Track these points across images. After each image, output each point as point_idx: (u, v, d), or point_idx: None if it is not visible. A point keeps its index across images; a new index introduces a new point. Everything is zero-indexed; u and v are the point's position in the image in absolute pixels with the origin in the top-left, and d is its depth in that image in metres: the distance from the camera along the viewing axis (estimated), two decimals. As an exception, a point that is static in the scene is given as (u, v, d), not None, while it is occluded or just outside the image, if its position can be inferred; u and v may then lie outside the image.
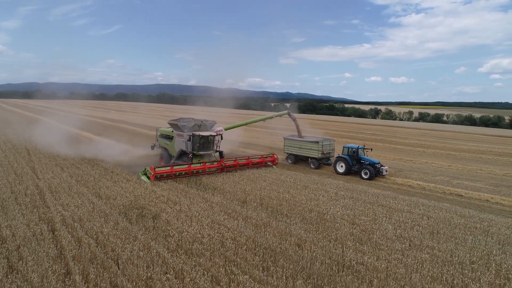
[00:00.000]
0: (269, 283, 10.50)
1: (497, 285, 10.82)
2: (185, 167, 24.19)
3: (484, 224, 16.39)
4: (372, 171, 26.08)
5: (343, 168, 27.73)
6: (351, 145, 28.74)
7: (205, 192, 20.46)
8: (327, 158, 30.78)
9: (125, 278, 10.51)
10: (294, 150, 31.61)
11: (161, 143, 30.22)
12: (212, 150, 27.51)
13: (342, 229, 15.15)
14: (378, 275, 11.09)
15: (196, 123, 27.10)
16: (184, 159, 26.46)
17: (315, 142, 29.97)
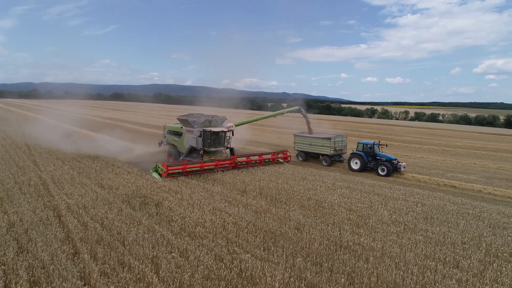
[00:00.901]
0: (270, 261, 10.99)
1: (487, 262, 11.37)
2: (197, 164, 23.30)
3: (476, 210, 16.99)
4: (390, 167, 25.26)
5: (358, 165, 26.89)
6: (366, 141, 27.98)
7: (205, 183, 20.91)
8: (339, 155, 29.96)
9: (132, 257, 10.95)
10: (305, 147, 30.78)
11: (169, 139, 29.45)
12: (223, 147, 26.74)
13: (339, 215, 15.67)
14: (374, 254, 11.62)
15: (207, 119, 26.34)
16: (194, 156, 25.71)
17: (327, 138, 29.03)
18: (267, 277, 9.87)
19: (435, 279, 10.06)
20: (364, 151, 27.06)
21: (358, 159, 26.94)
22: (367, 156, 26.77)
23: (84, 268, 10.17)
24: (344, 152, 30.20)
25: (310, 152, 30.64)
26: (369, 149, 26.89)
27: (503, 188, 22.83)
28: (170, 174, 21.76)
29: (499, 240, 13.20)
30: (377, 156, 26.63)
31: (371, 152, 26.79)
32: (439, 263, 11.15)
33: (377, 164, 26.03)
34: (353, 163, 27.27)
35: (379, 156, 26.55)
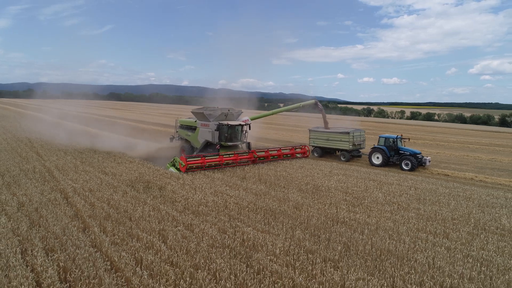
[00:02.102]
0: (271, 233, 11.62)
1: (474, 234, 12.07)
2: (216, 158, 22.39)
3: (466, 193, 17.74)
4: (414, 161, 24.21)
5: (380, 159, 25.67)
6: (388, 135, 26.75)
7: (206, 170, 21.50)
8: (358, 150, 28.61)
9: (140, 230, 11.54)
10: (321, 143, 29.40)
11: (182, 134, 28.16)
12: (240, 141, 25.60)
13: (336, 196, 16.34)
14: (369, 227, 12.29)
15: (223, 112, 25.19)
16: (209, 151, 24.27)
17: (346, 133, 27.67)
18: (268, 245, 10.50)
19: (425, 247, 10.73)
20: (386, 145, 25.97)
21: (380, 153, 25.77)
22: (389, 150, 25.68)
23: (95, 239, 10.75)
24: (363, 147, 29.10)
25: (326, 147, 29.32)
26: (391, 143, 25.80)
27: (494, 176, 23.60)
28: (189, 168, 20.94)
29: (487, 216, 13.93)
30: (400, 150, 25.60)
31: (393, 146, 25.70)
32: (429, 235, 11.84)
33: (400, 159, 24.93)
34: (374, 158, 26.08)
35: (402, 150, 25.52)
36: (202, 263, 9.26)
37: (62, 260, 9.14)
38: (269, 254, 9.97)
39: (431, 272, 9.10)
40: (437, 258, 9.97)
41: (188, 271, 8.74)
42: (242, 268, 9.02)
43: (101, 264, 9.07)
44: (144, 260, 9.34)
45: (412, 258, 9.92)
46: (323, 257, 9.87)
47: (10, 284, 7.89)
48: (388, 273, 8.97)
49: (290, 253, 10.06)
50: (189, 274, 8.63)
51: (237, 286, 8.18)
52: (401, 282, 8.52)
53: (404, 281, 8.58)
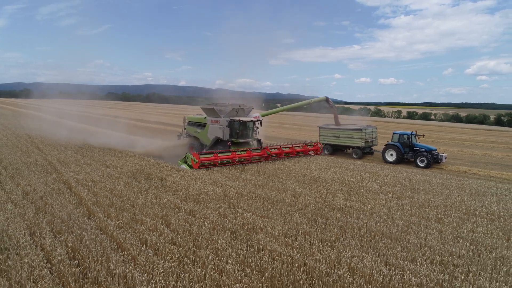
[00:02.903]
0: (270, 218, 12.06)
1: (465, 218, 12.57)
2: (229, 154, 21.75)
3: (459, 183, 18.27)
4: (430, 158, 23.65)
5: (394, 156, 25.02)
6: (402, 131, 25.89)
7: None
8: (370, 147, 28.03)
9: (143, 215, 11.94)
10: (332, 140, 28.63)
11: (190, 131, 27.45)
12: (252, 138, 24.97)
13: (332, 186, 16.81)
14: (364, 213, 12.75)
15: (234, 108, 24.49)
16: (219, 148, 23.50)
17: (358, 129, 27.02)
18: (267, 228, 10.94)
19: (418, 229, 11.21)
20: (401, 141, 25.28)
21: (394, 150, 25.09)
22: (404, 147, 25.00)
23: (100, 224, 11.13)
24: (375, 144, 28.50)
25: (337, 144, 28.56)
26: (406, 140, 25.12)
27: (487, 169, 24.16)
28: (202, 165, 20.33)
29: (478, 204, 14.45)
30: (415, 146, 24.88)
31: (408, 143, 25.03)
32: (422, 219, 12.32)
33: (416, 155, 24.31)
34: (388, 155, 25.45)
35: (417, 147, 24.82)
36: (204, 243, 9.68)
37: (70, 241, 9.54)
38: (268, 235, 10.40)
39: (422, 251, 9.57)
40: (429, 239, 10.45)
41: (192, 250, 9.17)
42: (242, 247, 9.45)
43: (108, 244, 9.47)
44: (148, 241, 9.74)
45: (405, 239, 10.39)
46: (320, 238, 10.31)
47: (22, 261, 8.28)
48: (381, 251, 9.43)
49: (289, 235, 10.49)
50: (193, 252, 9.06)
51: (239, 263, 8.60)
52: (394, 259, 8.97)
53: (397, 258, 9.03)
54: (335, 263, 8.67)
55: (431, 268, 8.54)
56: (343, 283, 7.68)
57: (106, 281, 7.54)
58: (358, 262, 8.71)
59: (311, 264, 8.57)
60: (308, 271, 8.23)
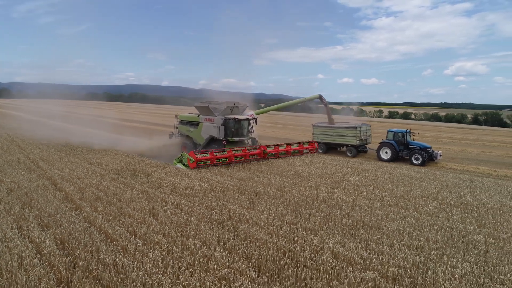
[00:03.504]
0: (256, 209, 12.40)
1: (441, 208, 13.22)
2: (226, 153, 21.17)
3: (436, 177, 19.06)
4: (425, 156, 23.61)
5: (389, 154, 24.93)
6: (397, 129, 25.95)
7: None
8: (364, 146, 27.91)
9: (131, 209, 12.08)
10: (326, 138, 28.34)
11: (183, 130, 26.83)
12: (247, 137, 24.57)
13: (316, 180, 17.28)
14: (346, 204, 13.25)
15: (229, 106, 24.00)
16: (214, 147, 22.81)
17: (353, 127, 26.92)
18: (253, 219, 11.28)
19: (396, 218, 11.76)
20: (395, 139, 25.27)
21: (389, 148, 25.03)
22: (398, 145, 25.00)
23: (88, 217, 11.23)
24: (369, 142, 28.42)
25: (331, 143, 28.31)
26: (401, 138, 25.13)
27: (464, 164, 25.15)
28: (199, 164, 19.76)
29: (453, 194, 15.18)
30: (410, 144, 24.89)
31: (403, 141, 24.99)
32: (401, 209, 12.90)
33: (410, 153, 24.27)
34: (382, 153, 25.31)
35: (412, 145, 24.83)
36: (192, 233, 9.94)
37: (58, 233, 9.66)
38: (254, 225, 10.74)
39: (400, 237, 10.09)
40: (407, 226, 11.00)
41: (180, 240, 9.42)
42: (229, 236, 9.76)
43: (97, 235, 9.62)
44: (137, 232, 9.93)
45: (384, 226, 10.90)
46: (304, 227, 10.72)
47: (11, 252, 8.36)
48: (362, 238, 9.90)
49: (274, 224, 10.85)
50: (181, 242, 9.31)
51: (226, 250, 8.90)
52: (374, 244, 9.46)
53: (376, 244, 9.52)
54: (318, 249, 9.08)
55: (409, 252, 9.05)
56: (326, 266, 8.08)
57: (97, 269, 7.72)
58: (340, 248, 9.14)
59: (296, 250, 8.95)
60: (293, 257, 8.61)
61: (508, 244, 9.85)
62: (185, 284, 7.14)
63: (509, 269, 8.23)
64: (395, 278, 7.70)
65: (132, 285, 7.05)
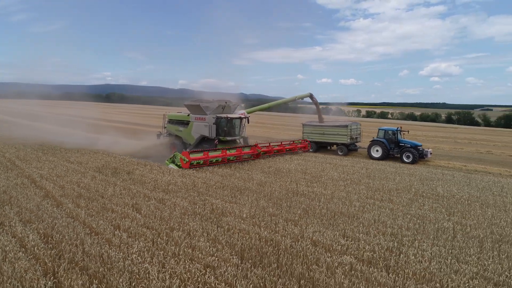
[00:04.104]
0: (238, 203, 12.72)
1: (414, 199, 13.93)
2: (219, 153, 20.65)
3: (410, 171, 19.92)
4: (416, 154, 23.73)
5: (379, 152, 24.93)
6: (388, 128, 26.19)
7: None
8: (354, 144, 27.93)
9: (113, 204, 12.17)
10: (316, 137, 28.14)
11: (172, 130, 26.07)
12: (239, 136, 24.17)
13: (296, 176, 17.77)
14: (325, 197, 13.76)
15: (221, 104, 23.41)
16: (205, 147, 22.11)
17: (344, 126, 26.94)
18: (235, 212, 11.60)
19: (372, 209, 12.34)
20: (386, 137, 25.33)
21: (380, 146, 25.06)
22: (389, 143, 25.05)
23: (70, 213, 11.26)
24: (359, 140, 28.55)
25: (322, 142, 28.19)
26: (391, 136, 25.23)
27: (436, 160, 26.23)
28: (192, 164, 19.17)
29: (426, 187, 15.97)
30: (401, 142, 25.04)
31: (394, 139, 25.12)
32: (376, 201, 13.52)
33: (401, 151, 24.39)
34: (373, 151, 25.34)
35: (402, 143, 24.99)
36: (176, 226, 10.17)
37: (41, 228, 9.68)
38: (236, 218, 11.07)
39: (376, 225, 10.65)
40: (382, 215, 11.58)
41: (164, 232, 9.64)
42: (213, 228, 10.05)
43: (81, 229, 9.71)
44: (121, 225, 10.08)
45: (361, 216, 11.44)
46: (285, 218, 11.13)
47: (-6, 246, 8.37)
48: (340, 227, 10.39)
49: (256, 216, 11.20)
50: (166, 234, 9.53)
51: (210, 241, 9.19)
52: (351, 232, 9.96)
53: (353, 232, 10.03)
54: (298, 238, 9.50)
55: (383, 238, 9.60)
56: (306, 252, 8.50)
57: (83, 260, 7.86)
58: (319, 236, 9.60)
59: (277, 239, 9.34)
60: (274, 245, 8.98)
61: (474, 230, 10.56)
62: (171, 272, 7.39)
63: (474, 251, 8.89)
64: (370, 261, 8.19)
65: (119, 274, 7.23)
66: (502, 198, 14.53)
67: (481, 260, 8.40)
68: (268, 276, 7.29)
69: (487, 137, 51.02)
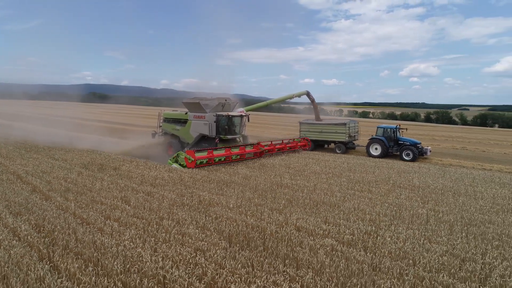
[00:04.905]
0: (224, 195, 13.17)
1: (391, 189, 14.71)
2: (224, 152, 20.23)
3: (389, 165, 20.85)
4: (416, 151, 23.82)
5: (379, 150, 24.90)
6: (387, 125, 26.19)
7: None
8: (352, 142, 27.89)
9: (102, 197, 12.42)
10: (314, 135, 28.00)
11: (168, 129, 25.21)
12: (239, 134, 23.68)
13: (280, 170, 18.34)
14: (308, 188, 14.37)
15: (221, 102, 22.79)
16: (204, 146, 21.65)
17: (342, 124, 27.01)
18: (222, 203, 12.05)
19: (352, 198, 13.02)
20: (385, 135, 25.34)
21: (379, 144, 25.02)
22: (388, 141, 25.05)
23: (60, 205, 11.46)
24: (357, 138, 28.64)
25: (319, 140, 28.14)
26: (391, 134, 25.28)
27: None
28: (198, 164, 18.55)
29: (403, 179, 16.82)
30: (400, 140, 25.08)
31: (393, 137, 25.17)
32: (356, 191, 14.22)
33: (401, 149, 24.42)
34: (372, 149, 25.30)
35: (401, 141, 25.02)
36: (165, 215, 10.54)
37: (32, 220, 9.90)
38: (224, 208, 11.52)
39: (355, 213, 11.30)
40: (361, 204, 12.26)
41: (155, 221, 10.00)
42: (201, 217, 10.47)
43: (72, 220, 9.98)
44: (112, 216, 10.38)
45: (341, 205, 12.08)
46: (270, 207, 11.65)
47: (-12, 236, 8.56)
48: (322, 215, 10.99)
49: (242, 206, 11.68)
50: (156, 223, 9.89)
51: (199, 228, 9.61)
52: (332, 219, 10.57)
53: (334, 218, 10.64)
54: (283, 224, 10.04)
55: (362, 224, 10.23)
56: (290, 236, 9.04)
57: (77, 246, 8.16)
58: (303, 222, 10.16)
59: (263, 225, 9.84)
60: (260, 231, 9.48)
61: (446, 215, 11.34)
62: (163, 255, 7.79)
63: (444, 233, 9.63)
64: (350, 243, 8.79)
65: (113, 258, 7.58)
66: (473, 188, 15.49)
67: (451, 241, 9.13)
68: (255, 257, 7.78)
69: (463, 135, 53.10)
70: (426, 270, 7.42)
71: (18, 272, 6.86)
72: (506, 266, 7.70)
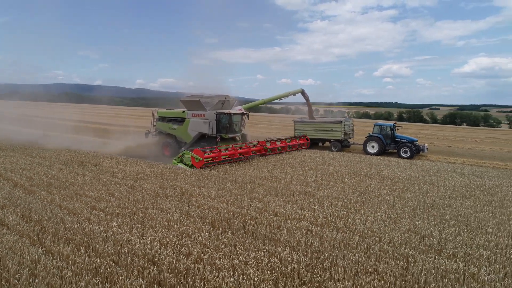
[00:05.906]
0: (206, 187, 13.76)
1: (363, 180, 15.75)
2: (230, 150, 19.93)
3: (361, 159, 22.03)
4: (414, 149, 23.88)
5: (376, 148, 25.08)
6: (384, 123, 26.39)
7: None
8: (347, 140, 28.05)
9: (86, 191, 12.74)
10: (309, 134, 28.08)
11: (163, 128, 24.21)
12: (239, 133, 23.33)
13: (258, 164, 19.09)
14: (285, 180, 15.17)
15: (220, 100, 22.19)
16: (203, 145, 20.91)
17: (338, 122, 27.05)
18: (204, 193, 12.65)
19: (326, 188, 13.92)
20: (382, 133, 25.55)
21: (376, 142, 25.18)
22: (385, 138, 25.26)
23: (45, 199, 11.72)
24: (352, 136, 28.82)
25: (314, 138, 28.08)
26: (388, 131, 25.47)
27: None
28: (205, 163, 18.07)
29: (373, 171, 17.94)
30: (397, 138, 25.15)
31: (390, 135, 25.35)
32: (330, 182, 15.14)
33: (398, 147, 24.51)
34: (369, 147, 25.40)
35: (399, 138, 25.11)
36: (150, 206, 11.04)
37: (19, 211, 10.17)
38: (205, 198, 12.12)
39: (329, 200, 12.18)
40: (334, 193, 13.17)
41: (140, 210, 10.49)
42: (185, 206, 11.04)
43: (59, 211, 10.32)
44: (97, 207, 10.78)
45: (316, 194, 12.94)
46: (250, 197, 12.35)
47: (-24, 226, 8.82)
48: (298, 202, 11.79)
49: (223, 196, 12.32)
50: (141, 212, 10.39)
51: (183, 216, 10.18)
52: (308, 205, 11.39)
53: (309, 205, 11.46)
54: (262, 211, 10.76)
55: (335, 209, 11.10)
56: (269, 221, 9.77)
57: (66, 233, 8.57)
58: (280, 209, 10.92)
59: (243, 212, 10.53)
60: (241, 217, 10.15)
61: (411, 201, 12.40)
62: (151, 238, 8.33)
63: (408, 216, 10.63)
64: (323, 225, 9.62)
65: (103, 242, 8.06)
66: (437, 178, 16.77)
67: (413, 221, 10.13)
68: (237, 238, 8.46)
69: (432, 132, 55.72)
70: (390, 245, 8.32)
71: (12, 256, 7.24)
72: (459, 240, 8.72)
